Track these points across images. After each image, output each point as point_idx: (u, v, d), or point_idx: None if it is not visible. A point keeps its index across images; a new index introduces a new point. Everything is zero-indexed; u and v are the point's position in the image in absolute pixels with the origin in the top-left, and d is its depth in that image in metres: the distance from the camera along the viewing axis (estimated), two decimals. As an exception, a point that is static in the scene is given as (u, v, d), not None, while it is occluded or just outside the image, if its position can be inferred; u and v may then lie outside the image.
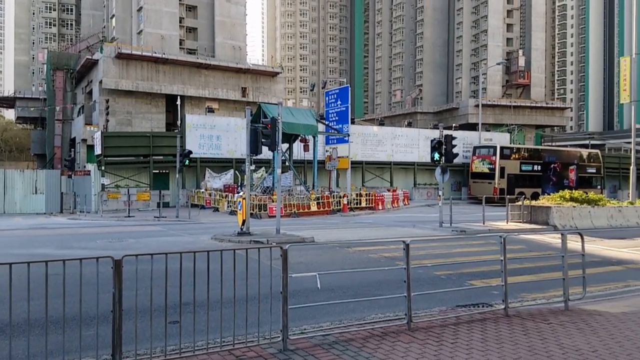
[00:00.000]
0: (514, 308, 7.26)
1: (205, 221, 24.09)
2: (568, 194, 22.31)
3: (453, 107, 70.92)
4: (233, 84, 52.44)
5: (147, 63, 47.75)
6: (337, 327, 6.43)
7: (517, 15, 75.48)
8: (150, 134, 35.70)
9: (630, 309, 7.40)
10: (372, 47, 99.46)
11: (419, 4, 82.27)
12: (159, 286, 5.27)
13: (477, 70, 72.05)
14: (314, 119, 31.72)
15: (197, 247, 14.24)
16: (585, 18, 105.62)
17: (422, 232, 18.80)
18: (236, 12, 57.04)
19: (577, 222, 20.86)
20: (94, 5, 65.26)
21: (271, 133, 16.88)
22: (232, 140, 35.59)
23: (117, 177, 32.97)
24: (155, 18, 51.73)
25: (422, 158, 42.11)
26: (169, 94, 48.89)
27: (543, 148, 49.46)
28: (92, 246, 14.79)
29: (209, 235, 17.26)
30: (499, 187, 38.39)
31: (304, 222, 23.22)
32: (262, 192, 29.63)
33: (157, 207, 28.38)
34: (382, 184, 41.14)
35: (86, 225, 22.91)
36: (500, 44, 72.79)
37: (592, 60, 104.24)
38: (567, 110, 75.74)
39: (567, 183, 41.25)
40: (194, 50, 55.52)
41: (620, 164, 48.98)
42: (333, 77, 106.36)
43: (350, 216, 27.59)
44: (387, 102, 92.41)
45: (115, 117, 46.78)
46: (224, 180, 33.73)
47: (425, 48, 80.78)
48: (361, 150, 40.12)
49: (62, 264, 4.75)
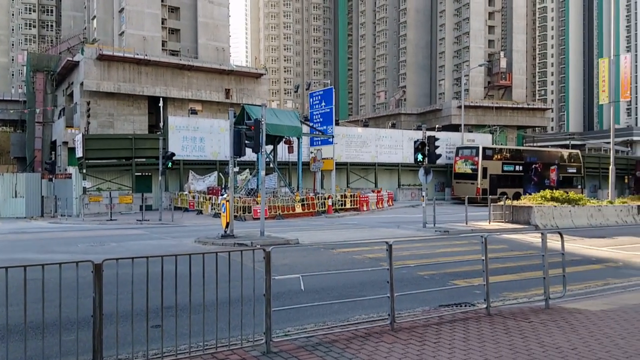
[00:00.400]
0: (495, 307, 7.33)
1: (189, 224, 23.92)
2: (549, 194, 22.61)
3: (436, 108, 71.46)
4: (216, 86, 52.19)
5: (129, 64, 47.29)
6: (321, 328, 6.44)
7: (498, 18, 76.34)
8: (133, 136, 35.35)
9: (610, 307, 7.52)
10: (356, 48, 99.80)
11: (402, 6, 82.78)
12: (141, 290, 5.23)
13: (459, 72, 72.70)
14: (298, 121, 31.71)
15: (180, 251, 14.14)
16: (565, 20, 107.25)
17: (406, 233, 18.90)
18: (219, 14, 56.79)
19: (558, 221, 21.15)
20: (74, 7, 64.42)
21: (255, 135, 16.83)
22: (216, 142, 35.40)
23: (99, 180, 32.59)
24: (137, 19, 51.26)
25: (406, 159, 42.33)
26: (152, 96, 48.46)
27: (524, 149, 50.07)
28: (74, 250, 14.60)
29: (192, 238, 17.15)
30: (481, 188, 38.77)
31: (288, 224, 23.20)
32: (247, 194, 29.52)
33: (139, 210, 28.10)
34: (367, 185, 41.26)
35: (67, 229, 22.60)
36: (482, 45, 73.56)
37: (572, 61, 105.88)
38: (548, 111, 76.80)
39: (548, 183, 41.81)
40: (176, 52, 55.13)
41: (600, 164, 49.80)
42: (317, 79, 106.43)
43: (335, 217, 27.63)
44: (371, 103, 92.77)
45: (96, 119, 46.24)
46: (207, 183, 33.54)
47: (408, 50, 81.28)
48: (346, 151, 40.21)
49: (41, 268, 4.68)
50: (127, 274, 5.29)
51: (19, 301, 4.63)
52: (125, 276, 5.34)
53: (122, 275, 5.37)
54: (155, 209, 30.05)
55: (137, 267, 5.12)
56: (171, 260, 5.34)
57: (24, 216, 32.79)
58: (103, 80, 46.04)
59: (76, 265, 4.83)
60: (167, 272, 5.24)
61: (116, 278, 5.14)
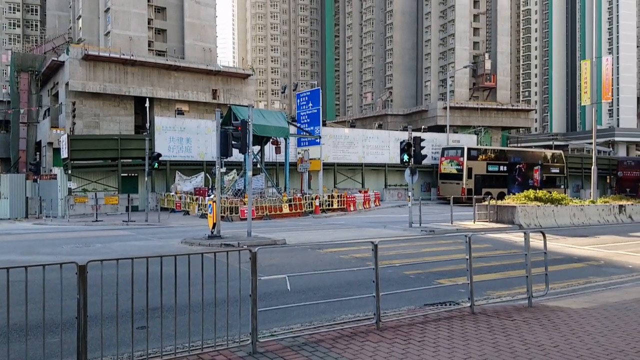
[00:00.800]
0: (479, 306, 7.43)
1: (175, 225, 23.81)
2: (532, 194, 22.89)
3: (422, 109, 71.91)
4: (203, 86, 52.00)
5: (115, 65, 46.94)
6: (307, 328, 6.48)
7: (483, 20, 77.04)
8: (119, 137, 35.08)
9: (591, 305, 7.66)
10: (343, 49, 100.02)
11: (388, 8, 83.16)
12: (126, 291, 5.22)
13: (445, 73, 73.24)
14: (286, 121, 31.72)
15: (166, 252, 14.09)
16: (549, 23, 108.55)
17: (392, 233, 19.02)
18: (206, 14, 56.61)
19: (541, 220, 21.42)
20: (59, 6, 63.78)
21: (242, 135, 16.82)
22: (203, 142, 35.28)
23: (85, 181, 32.29)
24: (123, 19, 50.90)
25: (392, 159, 42.54)
26: (138, 96, 48.15)
27: (509, 149, 50.58)
28: (58, 252, 14.47)
29: (178, 239, 17.08)
30: (466, 188, 39.10)
31: (276, 224, 23.20)
32: (234, 195, 29.46)
33: (125, 211, 27.89)
34: (354, 185, 41.39)
35: (52, 231, 22.37)
36: (467, 47, 74.18)
37: (556, 63, 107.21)
38: (531, 112, 77.69)
39: (532, 183, 42.30)
40: (163, 52, 54.82)
41: (583, 164, 50.46)
42: (304, 80, 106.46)
43: (322, 218, 27.68)
44: (358, 104, 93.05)
45: (82, 119, 45.82)
46: (194, 183, 33.40)
47: (395, 51, 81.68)
48: (333, 152, 40.30)
49: (24, 270, 4.66)
50: (112, 275, 5.28)
51: (2, 303, 4.61)
52: (110, 277, 5.33)
53: (107, 277, 5.36)
54: (142, 210, 29.85)
55: (122, 269, 5.11)
56: (157, 261, 5.34)
57: (8, 217, 32.36)
58: (89, 81, 45.64)
59: (60, 267, 4.82)
60: (152, 273, 5.24)
61: (101, 279, 5.13)
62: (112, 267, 5.25)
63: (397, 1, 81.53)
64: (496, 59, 74.54)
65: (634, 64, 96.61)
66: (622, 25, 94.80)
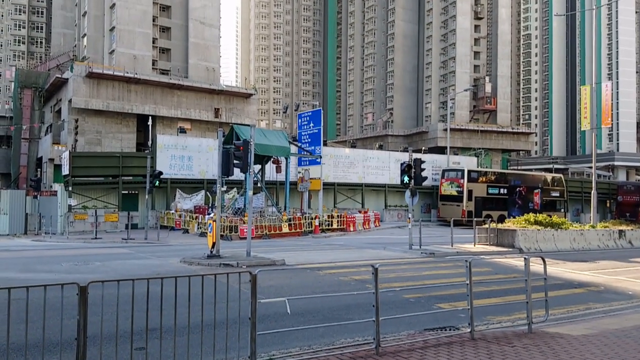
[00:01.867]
0: (479, 331, 7.41)
1: (175, 243, 23.77)
2: (533, 218, 22.88)
3: (423, 130, 72.25)
4: (206, 105, 52.35)
5: (119, 83, 47.32)
6: (306, 352, 6.45)
7: (484, 44, 77.86)
8: (120, 154, 35.20)
9: (591, 332, 7.63)
10: (345, 70, 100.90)
11: (390, 31, 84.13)
12: (125, 311, 5.22)
13: (445, 96, 73.78)
14: (287, 141, 31.90)
15: (165, 271, 14.05)
16: (549, 48, 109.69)
17: (392, 255, 18.96)
18: (210, 35, 57.26)
19: (541, 245, 21.38)
20: (65, 24, 64.53)
21: (243, 155, 16.90)
22: (204, 160, 35.42)
23: (85, 197, 32.31)
24: (128, 38, 51.49)
25: (392, 180, 42.62)
26: (141, 114, 48.48)
27: (509, 172, 50.66)
28: (57, 269, 14.42)
29: (177, 257, 17.03)
30: (467, 210, 39.06)
31: (275, 244, 23.15)
32: (234, 214, 29.45)
33: (125, 229, 27.86)
34: (354, 205, 41.39)
35: (51, 247, 22.32)
36: (468, 70, 74.83)
37: (556, 87, 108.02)
38: (532, 135, 78.03)
39: (532, 206, 42.28)
40: (167, 71, 55.32)
41: (583, 188, 50.48)
42: (306, 100, 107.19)
43: (321, 237, 27.63)
44: (359, 124, 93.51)
45: (84, 136, 46.04)
46: (194, 201, 33.43)
47: (396, 73, 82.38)
48: (333, 171, 40.41)
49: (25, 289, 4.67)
50: (112, 295, 5.29)
51: (1, 322, 4.61)
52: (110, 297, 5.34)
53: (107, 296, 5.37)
54: (141, 228, 29.81)
55: (122, 288, 5.12)
56: (157, 281, 5.35)
57: (7, 233, 32.29)
58: (92, 98, 45.98)
59: (61, 288, 4.83)
60: (152, 293, 5.24)
61: (101, 299, 5.14)
62: (112, 286, 5.26)
63: (399, 24, 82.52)
64: (496, 82, 75.14)
65: (634, 90, 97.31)
66: (622, 51, 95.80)
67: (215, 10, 57.79)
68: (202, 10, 56.36)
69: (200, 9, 56.25)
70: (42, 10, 74.60)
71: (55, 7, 65.74)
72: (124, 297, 5.16)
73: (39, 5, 74.82)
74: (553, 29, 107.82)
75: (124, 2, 51.18)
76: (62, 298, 4.83)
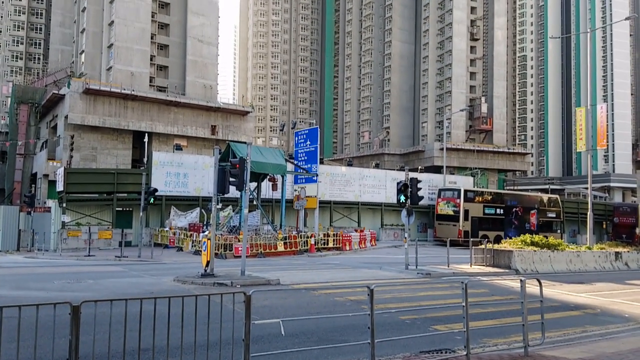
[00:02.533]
0: (475, 354, 7.32)
1: (168, 261, 23.58)
2: (529, 239, 22.84)
3: (419, 149, 72.54)
4: (202, 122, 52.48)
5: (116, 99, 47.44)
6: (300, 374, 6.35)
7: (479, 65, 78.65)
8: (115, 171, 35.11)
9: (588, 355, 7.56)
10: (342, 89, 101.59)
11: (387, 51, 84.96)
12: (118, 331, 5.15)
13: (442, 115, 74.23)
14: (283, 159, 31.92)
15: (159, 290, 13.90)
16: (544, 69, 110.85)
17: (388, 275, 18.85)
18: (208, 53, 57.66)
19: (538, 266, 21.32)
20: (63, 41, 64.96)
21: (239, 173, 16.88)
22: (200, 178, 35.35)
23: (79, 214, 32.12)
24: (125, 55, 51.77)
25: (389, 199, 42.61)
26: (137, 131, 48.52)
27: (505, 192, 50.74)
28: (49, 287, 14.25)
29: (171, 276, 16.87)
30: (463, 230, 39.03)
31: (270, 263, 23.00)
32: (229, 232, 29.31)
33: (119, 246, 27.67)
34: (350, 224, 41.30)
35: (44, 265, 22.10)
36: (464, 91, 75.45)
37: (551, 108, 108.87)
38: (528, 156, 78.40)
39: (528, 227, 42.27)
40: (164, 88, 55.54)
41: (579, 209, 50.58)
42: (303, 117, 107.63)
43: (317, 257, 27.47)
44: (355, 142, 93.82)
45: (79, 152, 45.97)
46: (189, 219, 33.25)
47: (392, 92, 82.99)
48: (329, 190, 40.38)
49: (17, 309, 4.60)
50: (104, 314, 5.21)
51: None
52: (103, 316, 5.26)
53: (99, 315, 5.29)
54: (135, 245, 29.60)
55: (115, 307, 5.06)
56: (150, 300, 5.28)
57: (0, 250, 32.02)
58: (88, 114, 46.02)
59: (54, 307, 4.76)
60: (145, 312, 5.17)
61: (94, 318, 5.07)
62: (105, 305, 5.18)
63: (396, 45, 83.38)
64: (492, 103, 75.73)
65: (629, 111, 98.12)
66: (617, 73, 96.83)
67: (213, 29, 58.29)
68: (200, 29, 56.83)
69: (198, 27, 56.73)
70: (40, 26, 75.09)
71: (54, 23, 66.26)
72: (116, 317, 5.09)
73: (38, 21, 75.33)
74: (548, 50, 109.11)
75: (123, 19, 51.60)
76: (54, 317, 4.76)
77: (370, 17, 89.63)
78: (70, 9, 64.67)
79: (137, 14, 52.29)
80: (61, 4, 65.54)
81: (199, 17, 56.78)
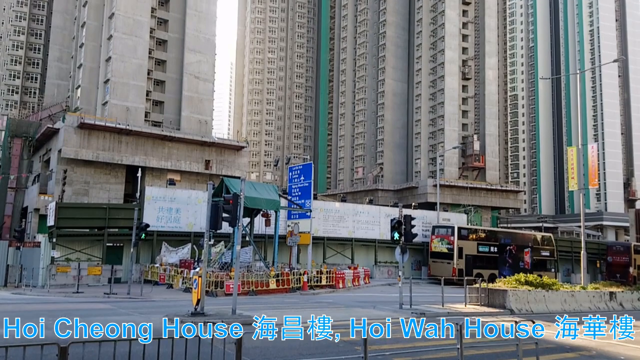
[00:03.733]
0: (472, 399, 7.14)
1: (158, 299, 23.16)
2: (523, 278, 22.72)
3: (412, 185, 72.81)
4: (197, 157, 52.58)
5: (110, 133, 47.55)
6: (291, 421, 6.14)
7: (471, 103, 79.88)
8: (107, 206, 34.86)
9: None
10: (336, 125, 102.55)
11: (380, 89, 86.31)
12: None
13: (435, 152, 74.86)
14: (277, 194, 31.87)
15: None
16: (535, 108, 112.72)
17: (382, 314, 18.57)
18: (204, 89, 58.26)
19: (532, 306, 21.11)
20: (60, 76, 65.56)
21: (232, 209, 16.80)
22: (192, 213, 35.13)
23: (69, 249, 31.69)
24: (121, 90, 52.20)
25: (383, 235, 42.43)
26: (130, 165, 48.46)
27: (499, 230, 50.72)
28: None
29: (161, 314, 16.51)
30: (457, 268, 38.78)
31: (261, 301, 22.64)
32: (220, 268, 28.96)
33: (108, 283, 27.20)
34: (343, 260, 40.96)
35: (31, 301, 21.64)
36: (457, 128, 76.35)
37: (543, 147, 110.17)
38: (520, 194, 78.77)
39: (522, 265, 42.09)
40: (159, 123, 55.82)
41: (573, 248, 50.51)
42: (297, 153, 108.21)
43: (309, 295, 27.11)
44: (349, 178, 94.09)
45: (72, 186, 45.74)
46: (180, 255, 32.83)
47: (386, 129, 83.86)
48: (323, 225, 40.19)
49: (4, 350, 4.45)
50: (92, 354, 5.06)
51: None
52: (91, 356, 5.10)
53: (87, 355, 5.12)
54: (125, 282, 29.12)
55: (104, 346, 4.91)
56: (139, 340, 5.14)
57: (-14, 285, 31.38)
58: (82, 148, 46.01)
59: (41, 348, 4.63)
60: (134, 352, 5.02)
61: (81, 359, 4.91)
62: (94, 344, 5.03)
63: (389, 83, 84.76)
64: (485, 141, 76.56)
65: (619, 150, 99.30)
66: (607, 113, 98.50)
67: (210, 66, 59.08)
68: (197, 65, 57.60)
69: (195, 64, 57.51)
70: (37, 61, 75.88)
71: (52, 58, 67.01)
72: (104, 356, 4.93)
73: (35, 56, 76.14)
74: (539, 90, 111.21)
75: (120, 55, 52.26)
76: (41, 357, 4.62)
77: (364, 56, 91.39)
78: (68, 45, 65.58)
79: (135, 50, 53.02)
80: (59, 39, 66.49)
81: (196, 55, 57.62)
